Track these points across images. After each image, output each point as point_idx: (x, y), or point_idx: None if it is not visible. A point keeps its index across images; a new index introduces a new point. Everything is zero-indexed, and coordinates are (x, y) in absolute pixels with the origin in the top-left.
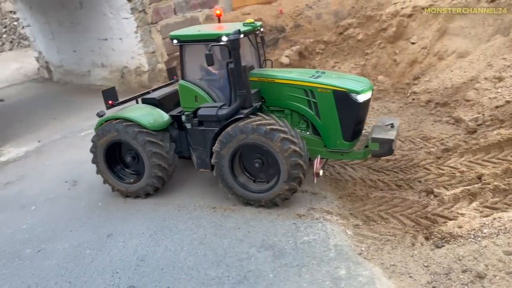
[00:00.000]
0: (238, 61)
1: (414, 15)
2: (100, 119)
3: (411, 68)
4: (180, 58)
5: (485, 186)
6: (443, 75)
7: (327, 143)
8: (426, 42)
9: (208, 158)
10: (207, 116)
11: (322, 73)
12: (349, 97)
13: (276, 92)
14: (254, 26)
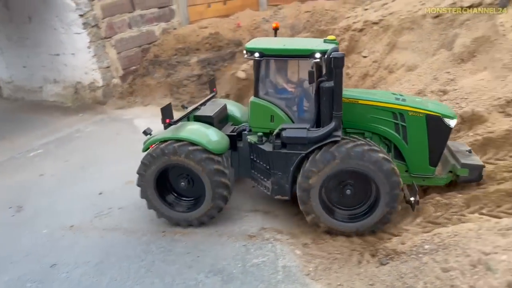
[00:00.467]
0: (340, 80)
1: (365, 29)
2: (152, 139)
3: (363, 81)
4: (256, 73)
5: (428, 201)
6: (393, 88)
7: (411, 168)
8: (377, 56)
9: (288, 184)
10: (296, 138)
11: (401, 95)
12: (443, 122)
13: (358, 114)
14: (337, 43)
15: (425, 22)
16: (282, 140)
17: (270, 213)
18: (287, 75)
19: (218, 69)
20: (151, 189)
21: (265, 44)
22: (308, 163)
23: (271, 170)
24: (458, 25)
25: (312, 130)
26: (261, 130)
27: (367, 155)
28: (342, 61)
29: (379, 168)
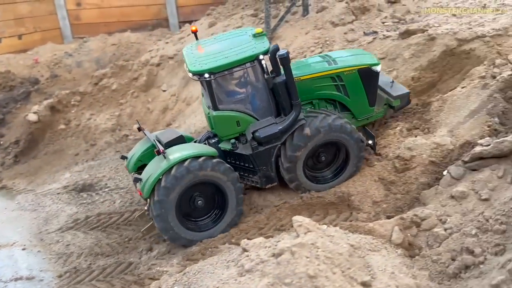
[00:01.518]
0: (291, 74)
1: (162, 64)
2: (155, 176)
3: (164, 115)
4: (209, 90)
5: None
6: (189, 120)
7: (356, 114)
8: (175, 90)
9: (273, 172)
10: (271, 136)
11: (329, 57)
12: (372, 70)
13: (304, 88)
14: (266, 34)
15: None
16: (259, 140)
17: (34, 278)
18: (231, 81)
19: (9, 111)
20: (173, 215)
21: (212, 63)
22: (288, 147)
23: (255, 168)
24: None
25: (279, 122)
26: (231, 137)
27: (339, 125)
28: (288, 58)
29: (351, 136)
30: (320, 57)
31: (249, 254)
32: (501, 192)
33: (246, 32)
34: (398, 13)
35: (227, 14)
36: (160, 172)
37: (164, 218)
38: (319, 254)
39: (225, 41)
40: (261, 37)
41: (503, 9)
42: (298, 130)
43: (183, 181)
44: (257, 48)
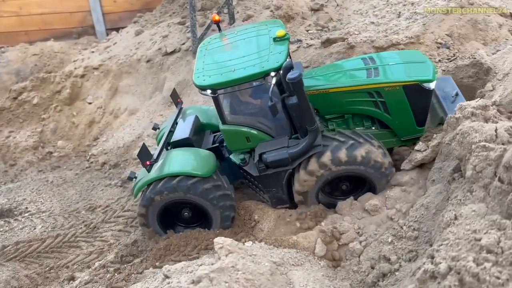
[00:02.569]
0: (305, 100)
1: (87, 75)
2: (137, 185)
3: (90, 129)
4: (216, 106)
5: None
6: (117, 133)
7: (399, 134)
8: (101, 102)
9: (284, 195)
10: (279, 161)
11: (374, 62)
12: (422, 88)
13: (332, 102)
14: (289, 38)
15: (140, 66)
16: (265, 164)
17: None
18: (245, 92)
19: None
20: (154, 221)
21: (217, 77)
22: (297, 176)
23: (264, 189)
24: (166, 69)
25: (291, 145)
26: (241, 151)
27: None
28: (301, 82)
29: (374, 169)
30: (362, 60)
31: (170, 281)
32: (414, 199)
33: (271, 30)
34: (321, 21)
35: (154, 22)
36: (141, 185)
37: (146, 220)
38: (238, 277)
39: (243, 40)
40: (281, 43)
41: (415, 17)
42: (305, 162)
43: (159, 203)
44: (269, 63)
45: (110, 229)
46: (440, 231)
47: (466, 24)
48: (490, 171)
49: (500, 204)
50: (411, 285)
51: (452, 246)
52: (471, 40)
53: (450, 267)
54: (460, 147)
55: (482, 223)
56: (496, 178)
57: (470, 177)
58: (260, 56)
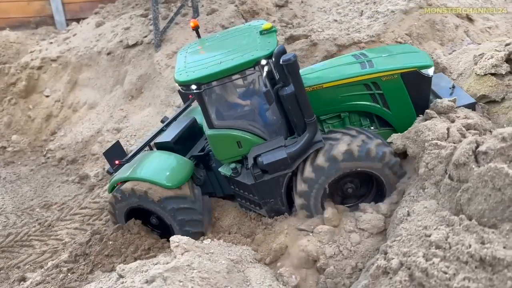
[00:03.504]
0: (300, 85)
1: (45, 67)
2: (112, 180)
3: (47, 123)
4: (202, 105)
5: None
6: (76, 128)
7: (401, 130)
8: (59, 95)
9: (283, 207)
10: (278, 162)
11: (365, 56)
12: (421, 74)
13: (327, 98)
14: (276, 30)
15: (100, 59)
16: (262, 168)
17: None
18: (234, 91)
19: None
20: (122, 221)
21: (201, 71)
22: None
23: (260, 201)
24: (127, 62)
25: (289, 144)
26: (232, 160)
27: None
28: (296, 64)
29: (385, 165)
30: (353, 56)
31: (125, 281)
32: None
33: (255, 27)
34: (285, 17)
35: (116, 13)
36: (112, 183)
37: (115, 219)
38: (194, 276)
39: (227, 40)
40: (269, 35)
41: (377, 16)
42: (313, 156)
43: (122, 203)
44: (259, 51)
45: (66, 227)
46: (394, 227)
47: (424, 24)
48: (441, 169)
49: (449, 201)
50: (364, 281)
51: (404, 242)
52: (429, 40)
53: (401, 262)
54: (414, 145)
55: (433, 219)
56: (447, 175)
57: (423, 174)
58: (248, 48)
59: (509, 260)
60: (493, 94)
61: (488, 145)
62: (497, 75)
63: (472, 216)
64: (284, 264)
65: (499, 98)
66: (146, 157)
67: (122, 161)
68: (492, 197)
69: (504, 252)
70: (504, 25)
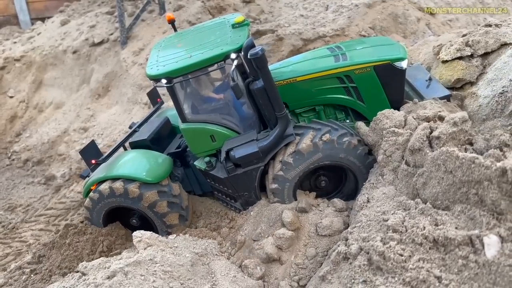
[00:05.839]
0: (269, 79)
1: (8, 66)
2: (87, 183)
3: (12, 125)
4: (173, 99)
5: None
6: (42, 129)
7: None
8: (24, 95)
9: (257, 199)
10: (249, 156)
11: (340, 49)
12: (394, 67)
13: (301, 92)
14: (249, 24)
15: (66, 57)
16: (234, 162)
17: None
18: (209, 85)
19: None
20: (100, 223)
21: (171, 65)
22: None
23: (235, 194)
24: (94, 61)
25: (261, 138)
26: (206, 153)
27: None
28: (264, 58)
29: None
30: (328, 49)
31: (87, 278)
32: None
33: (229, 21)
34: (253, 13)
35: (81, 11)
36: (88, 185)
37: (91, 223)
38: (156, 270)
39: (200, 34)
40: (241, 29)
41: (341, 10)
42: (284, 150)
43: (99, 204)
44: (229, 45)
45: (30, 228)
46: (355, 214)
47: (387, 18)
48: (398, 155)
49: (406, 186)
50: (326, 267)
51: (364, 227)
52: (392, 33)
53: (361, 247)
54: (373, 134)
55: (391, 205)
56: (403, 161)
57: (381, 161)
58: (219, 42)
59: (459, 239)
60: (467, 76)
61: (441, 130)
62: (464, 58)
63: (427, 199)
64: (248, 256)
65: (473, 78)
66: (123, 156)
67: (99, 161)
68: (445, 180)
69: (455, 232)
70: (464, 18)
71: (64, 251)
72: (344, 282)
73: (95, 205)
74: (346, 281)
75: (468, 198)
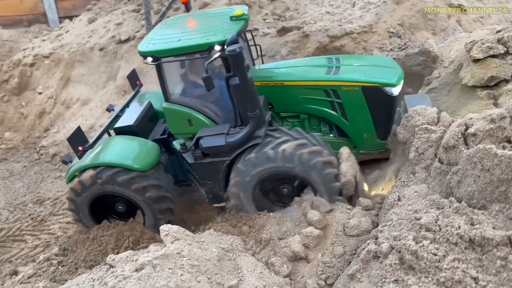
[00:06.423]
0: (244, 78)
1: (37, 63)
2: (71, 170)
3: (40, 120)
4: (159, 77)
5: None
6: (69, 124)
7: (358, 145)
8: (52, 91)
9: (221, 191)
10: (215, 148)
11: (338, 61)
12: (383, 92)
13: (287, 97)
14: (246, 19)
15: (93, 55)
16: (201, 150)
17: None
18: (196, 71)
19: None
20: (85, 214)
21: (160, 45)
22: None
23: (199, 181)
24: (120, 58)
25: (231, 133)
26: (183, 136)
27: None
28: (240, 56)
29: (315, 170)
30: (327, 59)
31: (115, 271)
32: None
33: (234, 11)
34: (278, 10)
35: (108, 9)
36: (73, 171)
37: (75, 207)
38: (183, 263)
39: (204, 19)
40: (237, 22)
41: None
42: (248, 151)
43: (84, 195)
44: (216, 36)
45: (58, 221)
46: (385, 212)
47: (416, 14)
48: (431, 153)
49: (439, 184)
50: (355, 266)
51: (395, 226)
52: (422, 30)
53: (392, 246)
54: (405, 131)
55: (423, 203)
56: (437, 159)
57: (413, 159)
58: (210, 31)
59: (498, 240)
60: (501, 74)
61: (477, 127)
62: (497, 56)
63: (462, 198)
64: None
65: (508, 76)
66: (109, 142)
67: (86, 147)
68: (481, 178)
69: (493, 232)
70: (496, 15)
71: (88, 246)
72: (374, 281)
73: (78, 195)
74: (377, 280)
75: (507, 197)
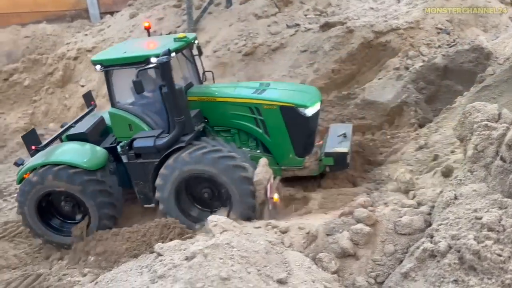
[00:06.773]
0: (171, 85)
1: (80, 57)
2: (21, 171)
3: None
4: (107, 84)
5: None
6: None
7: (279, 160)
8: (94, 85)
9: (151, 192)
10: (144, 148)
11: (267, 85)
12: (297, 112)
13: (219, 112)
14: (187, 41)
15: None
16: (134, 151)
17: None
18: (149, 82)
19: None
20: (33, 216)
21: (108, 54)
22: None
23: (133, 181)
24: None
25: (161, 137)
26: (124, 139)
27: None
28: (167, 66)
29: (227, 175)
30: (260, 83)
31: (163, 259)
32: None
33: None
34: (319, 6)
35: (149, 5)
36: (24, 171)
37: (23, 208)
38: (233, 254)
39: (156, 40)
40: (178, 42)
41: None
42: (172, 154)
43: (31, 192)
44: (154, 50)
45: None
46: (440, 211)
47: (466, 10)
48: (491, 150)
49: (501, 184)
50: (409, 264)
51: (452, 225)
52: (471, 26)
53: (450, 245)
54: (462, 128)
55: (483, 202)
56: (498, 157)
57: (471, 157)
58: (152, 47)
59: None
60: None
61: None
62: None
63: None
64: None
65: None
66: (60, 146)
67: (39, 147)
68: None
69: None
70: None
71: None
72: (431, 281)
73: (27, 195)
74: (434, 279)
75: None
